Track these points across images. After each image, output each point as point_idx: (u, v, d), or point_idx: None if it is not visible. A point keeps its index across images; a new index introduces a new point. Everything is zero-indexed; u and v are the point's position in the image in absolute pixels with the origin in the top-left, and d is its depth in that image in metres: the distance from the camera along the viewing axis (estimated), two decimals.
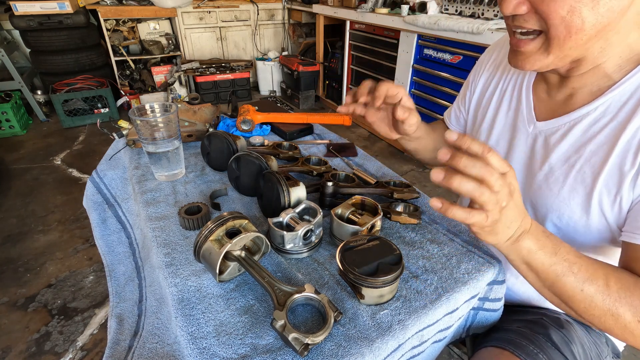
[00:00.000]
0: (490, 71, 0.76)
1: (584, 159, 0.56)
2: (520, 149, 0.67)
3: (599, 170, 0.54)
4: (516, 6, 0.48)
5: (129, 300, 0.72)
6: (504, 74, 0.72)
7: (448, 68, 2.26)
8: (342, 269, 0.51)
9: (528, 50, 0.52)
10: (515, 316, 0.71)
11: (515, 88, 0.69)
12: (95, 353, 1.33)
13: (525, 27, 0.50)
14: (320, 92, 3.79)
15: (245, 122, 1.00)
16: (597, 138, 0.55)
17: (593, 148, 0.55)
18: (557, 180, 0.60)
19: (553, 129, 0.61)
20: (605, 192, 0.54)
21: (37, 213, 2.08)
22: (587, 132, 0.56)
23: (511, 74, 0.71)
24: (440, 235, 0.65)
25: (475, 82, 0.79)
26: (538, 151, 0.63)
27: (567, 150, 0.58)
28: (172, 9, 3.36)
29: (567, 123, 0.58)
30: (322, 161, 0.85)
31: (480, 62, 0.80)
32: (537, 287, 0.53)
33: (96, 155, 2.68)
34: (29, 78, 3.18)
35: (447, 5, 2.26)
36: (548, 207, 0.62)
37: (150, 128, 0.73)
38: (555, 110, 0.61)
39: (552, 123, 0.61)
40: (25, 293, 1.57)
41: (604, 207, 0.55)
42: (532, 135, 0.64)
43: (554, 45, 0.49)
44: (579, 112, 0.57)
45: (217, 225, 0.54)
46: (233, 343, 0.46)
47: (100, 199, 0.92)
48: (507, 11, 0.49)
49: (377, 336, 0.47)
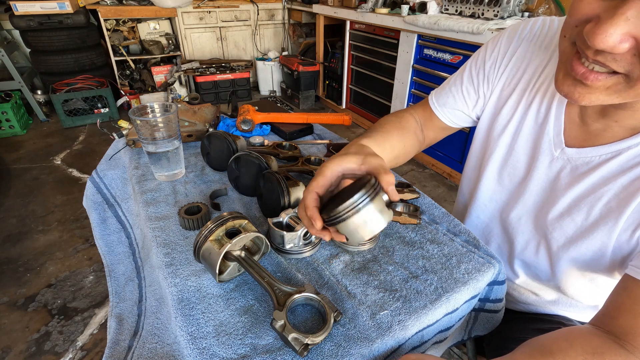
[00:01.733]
0: (513, 71, 0.65)
1: (612, 192, 0.52)
2: (541, 172, 0.62)
3: (625, 205, 0.51)
4: (618, 43, 0.37)
5: (129, 300, 0.72)
6: (532, 81, 0.62)
7: (448, 68, 2.26)
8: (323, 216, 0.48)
9: (597, 86, 0.43)
10: (531, 325, 0.70)
11: (543, 101, 0.61)
12: (95, 353, 1.33)
13: (610, 67, 0.40)
14: (320, 92, 3.79)
15: (245, 122, 1.00)
16: (631, 172, 0.51)
17: (624, 182, 0.51)
18: (580, 211, 0.56)
19: (585, 159, 0.55)
20: (626, 226, 0.51)
21: (37, 213, 2.08)
22: (622, 166, 0.52)
23: (539, 83, 0.62)
24: (440, 236, 0.65)
25: (493, 77, 0.68)
26: (563, 178, 0.58)
27: (596, 183, 0.54)
28: (172, 9, 3.36)
29: (604, 155, 0.53)
30: (322, 161, 0.85)
31: (497, 49, 0.67)
32: None
33: (96, 155, 2.68)
34: (29, 78, 3.18)
35: (447, 5, 2.26)
36: (568, 239, 0.58)
37: (150, 128, 0.73)
38: (589, 139, 0.56)
39: (586, 152, 0.55)
40: (25, 293, 1.57)
41: (620, 240, 0.52)
42: (558, 161, 0.59)
43: (634, 89, 0.41)
44: (619, 145, 0.52)
45: (216, 225, 0.54)
46: (233, 343, 0.46)
47: (100, 199, 0.92)
48: (601, 46, 0.38)
49: (377, 336, 0.47)
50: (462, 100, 0.73)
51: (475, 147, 0.76)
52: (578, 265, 0.60)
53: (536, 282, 0.70)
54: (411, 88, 2.60)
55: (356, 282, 0.55)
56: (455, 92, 0.73)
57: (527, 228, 0.66)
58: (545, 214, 0.61)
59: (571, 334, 0.48)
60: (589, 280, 0.62)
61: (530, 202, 0.65)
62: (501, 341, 0.71)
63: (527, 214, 0.66)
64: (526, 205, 0.65)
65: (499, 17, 1.96)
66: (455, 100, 0.73)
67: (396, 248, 0.62)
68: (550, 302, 0.71)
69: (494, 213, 0.73)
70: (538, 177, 0.62)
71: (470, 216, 0.79)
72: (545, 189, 0.62)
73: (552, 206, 0.60)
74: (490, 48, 0.69)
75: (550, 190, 0.61)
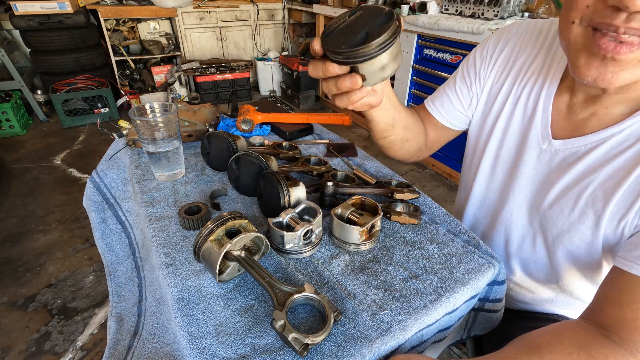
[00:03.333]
0: (502, 66, 0.66)
1: (597, 182, 0.53)
2: (530, 165, 0.62)
3: (611, 194, 0.51)
4: None
5: (129, 300, 0.72)
6: (520, 74, 0.63)
7: (448, 68, 2.26)
8: (330, 53, 0.43)
9: (629, 59, 0.42)
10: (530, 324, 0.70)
11: (531, 95, 0.62)
12: (95, 353, 1.33)
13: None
14: (320, 92, 3.79)
15: (245, 122, 1.00)
16: (615, 161, 0.51)
17: (609, 171, 0.52)
18: (568, 201, 0.57)
19: (572, 149, 0.56)
20: (611, 216, 0.52)
21: (37, 213, 2.08)
22: (607, 154, 0.52)
23: (528, 75, 0.62)
24: (440, 236, 0.65)
25: (483, 74, 0.69)
26: (551, 170, 0.59)
27: (582, 172, 0.55)
28: (172, 8, 3.36)
29: (589, 144, 0.54)
30: (322, 161, 0.85)
31: (486, 49, 0.69)
32: None
33: (96, 155, 2.68)
34: (29, 78, 3.18)
35: (447, 5, 2.26)
36: (559, 229, 0.59)
37: (150, 128, 0.73)
38: (576, 129, 0.56)
39: (572, 143, 0.56)
40: (25, 293, 1.57)
41: (607, 230, 0.53)
42: (546, 153, 0.60)
43: None
44: (603, 133, 0.52)
45: (216, 225, 0.54)
46: (233, 343, 0.46)
47: (100, 199, 0.92)
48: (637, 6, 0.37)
49: (377, 336, 0.47)
50: (456, 99, 0.74)
51: (469, 145, 0.77)
52: (573, 258, 0.60)
53: (532, 280, 0.70)
54: (411, 88, 2.60)
55: (356, 282, 0.55)
56: (450, 92, 0.74)
57: (520, 223, 0.66)
58: (537, 206, 0.62)
59: (559, 328, 0.48)
60: (587, 278, 0.62)
61: (520, 196, 0.65)
62: (500, 340, 0.72)
63: (519, 209, 0.66)
64: (517, 200, 0.66)
65: (499, 17, 1.96)
66: (450, 100, 0.74)
67: (396, 248, 0.62)
68: (547, 301, 0.71)
69: (488, 210, 0.74)
70: (527, 171, 0.63)
71: (467, 215, 0.79)
72: (536, 182, 0.62)
73: (544, 198, 0.60)
74: (480, 48, 0.71)
75: (540, 184, 0.61)
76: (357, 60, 0.42)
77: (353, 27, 0.43)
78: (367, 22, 0.42)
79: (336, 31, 0.44)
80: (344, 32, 0.43)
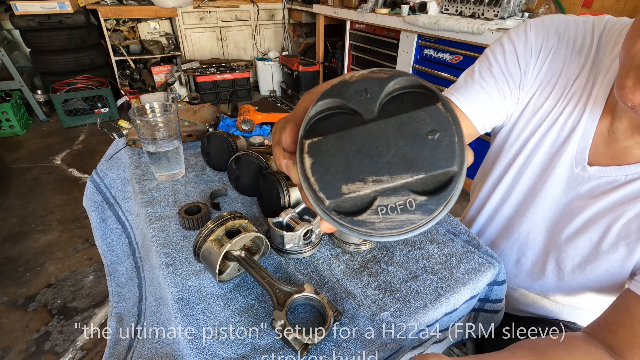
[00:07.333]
0: (549, 73, 0.57)
1: (633, 213, 0.49)
2: (557, 187, 0.58)
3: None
4: None
5: (129, 300, 0.72)
6: (567, 88, 0.56)
7: (448, 68, 2.26)
8: (313, 199, 0.22)
9: None
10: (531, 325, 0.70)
11: (572, 114, 0.55)
12: (95, 353, 1.33)
13: None
14: None
15: (245, 122, 1.00)
16: None
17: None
18: (597, 230, 0.53)
19: (609, 177, 0.52)
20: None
21: (37, 213, 2.08)
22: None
23: (574, 90, 0.55)
24: (440, 236, 0.65)
25: (530, 72, 0.58)
26: (580, 195, 0.55)
27: (618, 201, 0.51)
28: (172, 8, 3.35)
29: (631, 175, 0.50)
30: None
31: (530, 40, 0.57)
32: None
33: (96, 155, 2.68)
34: (29, 78, 3.18)
35: (447, 5, 2.26)
36: (583, 258, 0.56)
37: (150, 128, 0.73)
38: (616, 157, 0.52)
39: (610, 172, 0.51)
40: (25, 293, 1.57)
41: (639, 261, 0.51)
42: (577, 178, 0.55)
43: None
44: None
45: (216, 225, 0.54)
46: (233, 343, 0.46)
47: (100, 199, 0.92)
48: None
49: (377, 337, 0.47)
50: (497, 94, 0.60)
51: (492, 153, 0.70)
52: (591, 283, 0.58)
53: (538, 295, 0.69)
54: None
55: (356, 282, 0.55)
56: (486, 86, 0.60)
57: (537, 245, 0.63)
58: (559, 231, 0.58)
59: (570, 343, 0.47)
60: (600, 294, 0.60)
61: (541, 217, 0.62)
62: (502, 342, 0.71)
63: (538, 229, 0.63)
64: (536, 220, 0.62)
65: (499, 18, 1.96)
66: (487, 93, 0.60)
67: (396, 248, 0.62)
68: (552, 311, 0.70)
69: (500, 223, 0.71)
70: (553, 193, 0.59)
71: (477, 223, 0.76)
72: (560, 205, 0.58)
73: (568, 223, 0.57)
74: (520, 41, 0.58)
75: (565, 207, 0.58)
76: (353, 230, 0.22)
77: (373, 136, 0.21)
78: (394, 135, 0.21)
79: (332, 129, 0.21)
80: (353, 146, 0.21)
